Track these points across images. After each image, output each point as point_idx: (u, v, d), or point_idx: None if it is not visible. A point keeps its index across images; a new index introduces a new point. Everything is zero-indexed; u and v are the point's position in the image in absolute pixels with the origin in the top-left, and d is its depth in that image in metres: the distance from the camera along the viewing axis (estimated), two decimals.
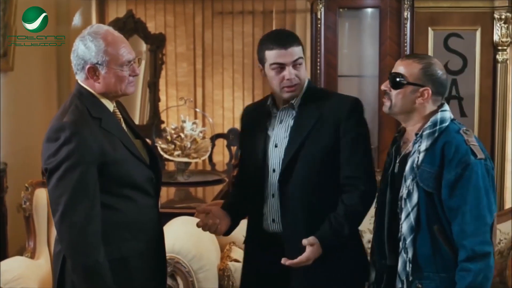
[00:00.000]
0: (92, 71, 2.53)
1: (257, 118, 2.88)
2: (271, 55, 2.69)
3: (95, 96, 2.57)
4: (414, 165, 2.54)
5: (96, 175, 2.45)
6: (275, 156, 2.78)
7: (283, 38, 2.72)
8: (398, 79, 2.57)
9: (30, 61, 5.28)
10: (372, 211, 2.83)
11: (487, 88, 4.66)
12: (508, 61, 4.63)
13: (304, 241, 2.62)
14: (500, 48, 4.60)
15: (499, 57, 4.60)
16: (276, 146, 2.78)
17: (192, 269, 3.69)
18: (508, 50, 4.62)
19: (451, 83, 4.63)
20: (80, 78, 2.57)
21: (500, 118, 4.65)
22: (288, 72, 2.69)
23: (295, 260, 2.60)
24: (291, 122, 2.77)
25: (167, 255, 3.56)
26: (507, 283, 4.12)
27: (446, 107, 2.61)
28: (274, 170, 2.77)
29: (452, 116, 2.59)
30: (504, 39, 4.58)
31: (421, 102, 2.57)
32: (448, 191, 2.48)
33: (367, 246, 4.06)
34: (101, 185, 2.46)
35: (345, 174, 2.71)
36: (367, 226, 4.04)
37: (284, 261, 2.60)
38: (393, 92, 2.59)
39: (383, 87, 2.63)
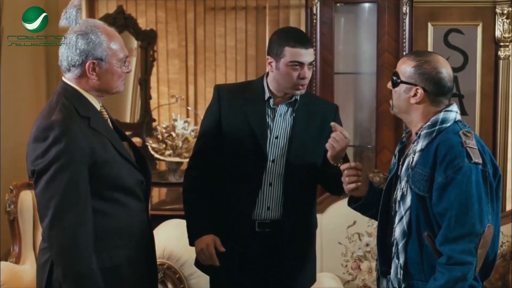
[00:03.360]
0: (92, 67, 2.44)
1: (245, 104, 2.92)
2: (293, 52, 2.78)
3: (81, 95, 2.49)
4: (409, 166, 2.46)
5: (87, 177, 2.36)
6: (275, 147, 2.89)
7: (305, 38, 2.86)
8: (394, 78, 2.53)
9: (18, 58, 5.18)
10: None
11: (489, 86, 4.64)
12: (510, 58, 4.61)
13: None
14: (502, 44, 4.58)
15: (501, 53, 4.58)
16: (276, 138, 2.89)
17: (183, 275, 3.65)
18: (510, 46, 4.60)
19: None
20: (72, 74, 2.47)
21: (502, 116, 4.63)
22: (305, 71, 2.80)
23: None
24: (292, 118, 2.91)
25: (157, 260, 3.48)
26: (510, 287, 4.07)
27: (453, 107, 2.50)
28: (273, 161, 2.89)
29: (459, 118, 2.49)
30: (506, 35, 4.56)
31: (415, 102, 2.47)
32: (438, 195, 2.36)
33: (365, 249, 4.01)
34: (91, 189, 2.38)
35: None
36: (365, 229, 4.02)
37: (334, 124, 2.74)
38: (393, 91, 2.55)
39: (387, 86, 2.59)
